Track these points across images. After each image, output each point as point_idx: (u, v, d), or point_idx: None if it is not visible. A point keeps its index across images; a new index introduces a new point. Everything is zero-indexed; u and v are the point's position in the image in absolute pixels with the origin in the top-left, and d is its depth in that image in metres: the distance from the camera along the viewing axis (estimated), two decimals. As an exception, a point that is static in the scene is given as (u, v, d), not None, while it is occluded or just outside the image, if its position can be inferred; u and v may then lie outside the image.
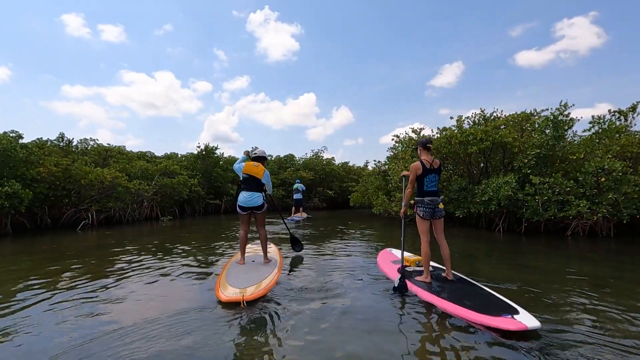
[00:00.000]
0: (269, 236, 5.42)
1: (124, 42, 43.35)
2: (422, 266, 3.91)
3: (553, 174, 7.76)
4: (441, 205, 3.68)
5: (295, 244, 5.54)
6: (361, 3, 48.66)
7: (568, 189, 7.57)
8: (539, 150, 8.32)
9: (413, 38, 49.08)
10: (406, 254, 4.21)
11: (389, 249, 5.34)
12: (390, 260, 4.58)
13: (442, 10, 46.65)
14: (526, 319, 2.52)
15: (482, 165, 10.62)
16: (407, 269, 4.03)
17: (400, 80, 48.57)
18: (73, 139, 15.20)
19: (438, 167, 3.68)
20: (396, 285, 3.53)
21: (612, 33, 37.29)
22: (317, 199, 21.21)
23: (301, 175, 19.89)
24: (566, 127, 8.62)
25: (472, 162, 10.53)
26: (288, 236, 5.68)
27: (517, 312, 2.66)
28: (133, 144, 59.33)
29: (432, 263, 4.26)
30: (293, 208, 13.44)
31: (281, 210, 16.04)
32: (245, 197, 4.24)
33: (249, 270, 4.00)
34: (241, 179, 4.33)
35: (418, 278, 3.70)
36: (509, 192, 7.76)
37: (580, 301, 3.32)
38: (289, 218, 12.38)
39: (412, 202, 3.79)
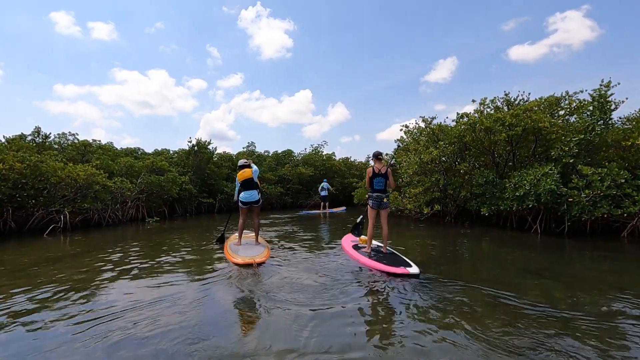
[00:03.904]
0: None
1: (115, 40, 41.71)
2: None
3: (606, 164, 6.49)
4: (385, 200, 4.93)
5: (221, 240, 6.46)
6: (355, -2, 47.17)
7: (623, 180, 6.33)
8: (582, 136, 7.06)
9: (407, 33, 47.74)
10: (363, 236, 5.67)
11: (350, 233, 6.47)
12: (350, 240, 6.02)
13: (435, 5, 45.31)
14: (412, 269, 4.01)
15: (505, 155, 9.36)
16: (359, 245, 5.49)
17: (395, 76, 47.28)
18: (50, 133, 13.87)
19: (385, 172, 4.89)
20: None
21: (605, 26, 36.19)
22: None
23: (300, 171, 19.66)
24: (612, 108, 7.37)
25: (497, 152, 9.26)
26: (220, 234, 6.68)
27: (410, 266, 4.15)
28: (129, 143, 57.47)
29: (376, 243, 5.52)
30: (321, 204, 15.57)
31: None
32: (246, 196, 5.60)
33: (248, 248, 5.35)
34: (239, 185, 5.64)
35: (362, 249, 5.16)
36: (552, 186, 6.50)
37: None
38: (316, 211, 15.12)
39: (366, 196, 5.11)
